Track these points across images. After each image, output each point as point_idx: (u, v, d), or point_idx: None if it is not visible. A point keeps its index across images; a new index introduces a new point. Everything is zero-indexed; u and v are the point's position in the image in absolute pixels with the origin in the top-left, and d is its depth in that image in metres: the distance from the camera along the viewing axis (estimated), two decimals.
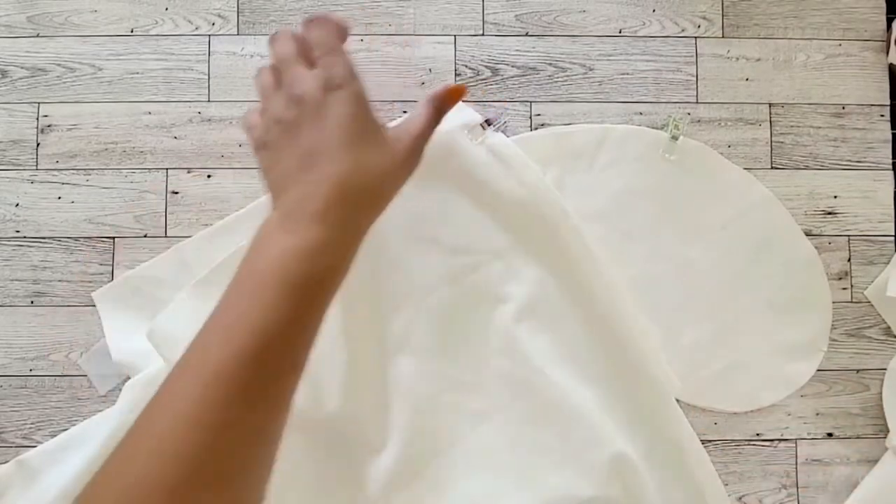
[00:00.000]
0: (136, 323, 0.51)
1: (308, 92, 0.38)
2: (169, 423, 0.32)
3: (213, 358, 0.33)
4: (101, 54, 0.56)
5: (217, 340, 0.34)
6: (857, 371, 0.54)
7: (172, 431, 0.32)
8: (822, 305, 0.52)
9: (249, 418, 0.33)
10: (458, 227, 0.50)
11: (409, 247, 0.48)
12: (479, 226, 0.50)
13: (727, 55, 0.56)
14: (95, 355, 0.52)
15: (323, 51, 0.39)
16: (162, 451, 0.31)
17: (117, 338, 0.52)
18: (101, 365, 0.52)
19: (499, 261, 0.50)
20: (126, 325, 0.52)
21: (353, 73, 0.38)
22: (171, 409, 0.33)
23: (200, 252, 0.52)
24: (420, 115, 0.42)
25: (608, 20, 0.56)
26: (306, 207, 0.36)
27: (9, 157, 0.55)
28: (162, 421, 0.33)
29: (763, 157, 0.55)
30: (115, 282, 0.53)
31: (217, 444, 0.32)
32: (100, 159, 0.55)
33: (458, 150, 0.50)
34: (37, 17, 0.56)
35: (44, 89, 0.55)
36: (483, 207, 0.50)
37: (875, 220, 0.55)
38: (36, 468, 0.51)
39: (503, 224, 0.50)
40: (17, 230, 0.54)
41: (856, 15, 0.57)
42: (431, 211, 0.50)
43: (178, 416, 0.32)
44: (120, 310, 0.52)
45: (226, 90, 0.56)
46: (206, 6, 0.56)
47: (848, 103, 0.56)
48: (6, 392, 0.54)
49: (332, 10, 0.56)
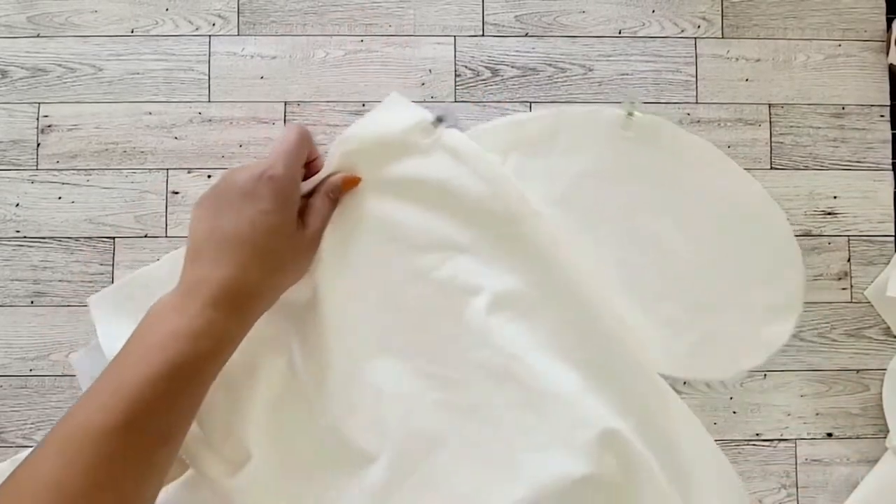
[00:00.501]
0: (129, 329, 0.52)
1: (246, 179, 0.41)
2: (31, 486, 0.33)
3: (87, 422, 0.34)
4: (101, 55, 0.56)
5: (95, 406, 0.35)
6: (857, 371, 0.54)
7: (33, 496, 0.32)
8: (793, 265, 0.51)
9: (115, 486, 0.34)
10: (419, 226, 0.50)
11: (372, 251, 0.47)
12: (440, 223, 0.49)
13: (727, 55, 0.56)
14: (90, 353, 0.52)
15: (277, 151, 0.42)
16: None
17: (111, 344, 0.52)
18: (94, 365, 0.52)
19: (464, 255, 0.49)
20: (120, 332, 0.52)
21: (291, 178, 0.42)
22: (37, 471, 0.33)
23: None
24: (321, 209, 0.45)
25: (608, 21, 0.57)
26: (204, 291, 0.37)
27: (9, 157, 0.55)
28: (25, 484, 0.33)
29: (763, 158, 0.55)
30: (110, 288, 0.53)
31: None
32: (100, 159, 0.55)
33: (413, 151, 0.50)
34: (37, 18, 0.56)
35: (44, 89, 0.55)
36: (443, 205, 0.49)
37: (875, 221, 0.55)
38: None
39: (464, 219, 0.49)
40: (18, 230, 0.54)
41: (855, 15, 0.57)
42: (391, 214, 0.50)
43: (40, 480, 0.33)
44: (114, 315, 0.52)
45: (226, 90, 0.56)
46: (206, 7, 0.56)
47: (848, 104, 0.56)
48: (6, 392, 0.54)
49: (331, 12, 0.56)
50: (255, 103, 0.55)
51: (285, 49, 0.56)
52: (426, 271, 0.48)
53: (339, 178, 0.47)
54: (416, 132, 0.49)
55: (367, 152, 0.49)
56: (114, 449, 0.34)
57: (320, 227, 0.45)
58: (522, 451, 0.46)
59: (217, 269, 0.38)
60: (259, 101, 0.55)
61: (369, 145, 0.49)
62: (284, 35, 0.56)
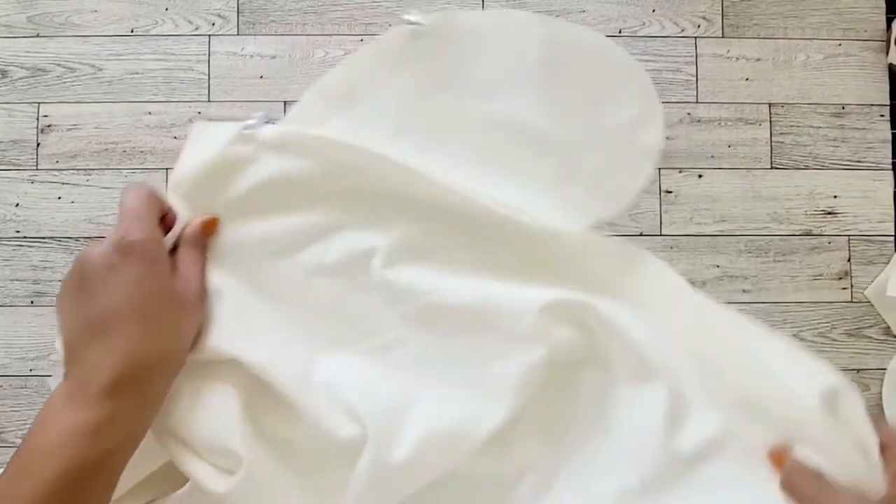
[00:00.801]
0: None
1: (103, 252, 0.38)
2: None
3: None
4: (101, 54, 0.56)
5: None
6: (857, 371, 0.54)
7: None
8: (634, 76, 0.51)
9: None
10: (287, 228, 0.49)
11: (258, 274, 0.45)
12: (305, 214, 0.49)
13: (727, 55, 0.56)
14: None
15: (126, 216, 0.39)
16: None
17: None
18: None
19: (342, 231, 0.49)
20: None
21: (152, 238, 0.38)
22: None
23: None
24: (192, 257, 0.43)
25: (608, 20, 0.57)
26: (93, 381, 0.35)
27: (9, 157, 0.55)
28: None
29: (763, 157, 0.55)
30: None
31: None
32: (100, 159, 0.55)
33: (242, 163, 0.51)
34: (37, 17, 0.56)
35: (44, 89, 0.55)
36: (297, 196, 0.50)
37: (875, 220, 0.55)
38: None
39: (324, 199, 0.49)
40: (18, 230, 0.54)
41: (855, 15, 0.57)
42: (256, 231, 0.50)
43: None
44: None
45: (226, 90, 0.56)
46: (206, 6, 0.56)
47: (848, 103, 0.56)
48: (6, 392, 0.54)
49: (331, 12, 0.56)
50: (255, 102, 0.55)
51: (285, 49, 0.56)
52: (316, 264, 0.48)
53: (198, 223, 0.44)
54: (234, 146, 0.50)
55: (202, 188, 0.49)
56: None
57: (198, 275, 0.42)
58: (483, 366, 0.46)
59: (104, 356, 0.35)
60: (259, 101, 0.55)
61: (201, 180, 0.49)
62: (284, 35, 0.56)
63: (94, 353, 0.36)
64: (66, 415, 0.35)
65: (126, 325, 0.37)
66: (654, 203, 0.55)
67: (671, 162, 0.55)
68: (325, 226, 0.52)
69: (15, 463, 0.35)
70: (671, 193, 0.55)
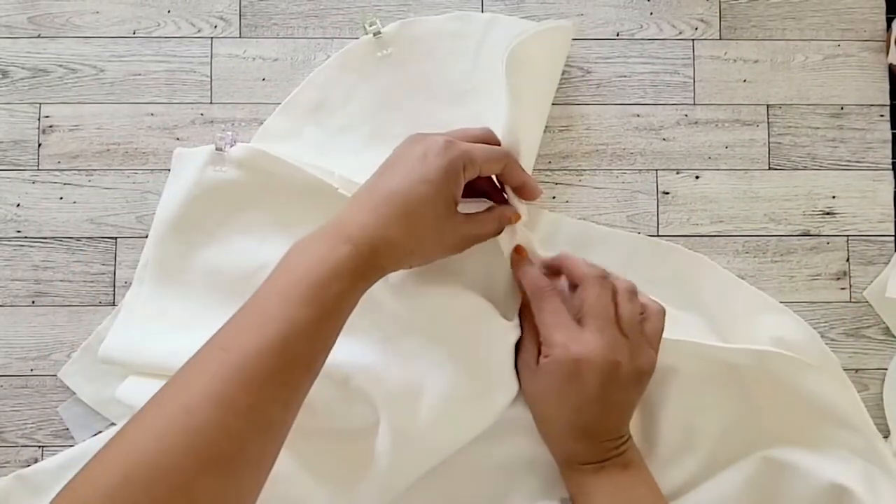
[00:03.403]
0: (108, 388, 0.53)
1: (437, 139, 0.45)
2: (188, 399, 0.34)
3: (244, 343, 0.35)
4: (103, 56, 0.56)
5: (249, 326, 0.37)
6: (857, 371, 0.54)
7: (198, 404, 0.33)
8: None
9: (265, 407, 0.35)
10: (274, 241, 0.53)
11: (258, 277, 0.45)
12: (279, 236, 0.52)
13: (724, 57, 0.56)
14: (76, 403, 0.53)
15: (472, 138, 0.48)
16: (171, 429, 0.32)
17: (96, 403, 0.53)
18: (82, 414, 0.53)
19: None
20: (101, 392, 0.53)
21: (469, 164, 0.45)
22: (196, 384, 0.34)
23: None
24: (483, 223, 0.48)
25: (605, 23, 0.57)
26: (342, 231, 0.41)
27: (10, 157, 0.55)
28: (184, 395, 0.34)
29: (761, 158, 0.55)
30: (76, 356, 0.53)
31: (232, 427, 0.33)
32: (102, 160, 0.55)
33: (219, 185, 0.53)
34: (38, 18, 0.56)
35: (45, 90, 0.56)
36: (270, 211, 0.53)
37: (874, 221, 0.55)
38: (37, 485, 0.50)
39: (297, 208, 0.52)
40: (19, 230, 0.55)
41: (855, 15, 0.57)
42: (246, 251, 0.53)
43: (202, 391, 0.34)
44: (87, 381, 0.53)
45: (228, 92, 0.56)
46: (208, 9, 0.56)
47: (847, 103, 0.56)
48: (7, 392, 0.54)
49: (332, 15, 0.56)
50: (257, 105, 0.56)
51: (287, 51, 0.56)
52: None
53: (511, 208, 0.48)
54: (209, 167, 0.52)
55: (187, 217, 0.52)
56: (271, 371, 0.35)
57: (470, 235, 0.46)
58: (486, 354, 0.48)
59: (361, 215, 0.41)
60: (260, 103, 0.56)
61: (188, 210, 0.53)
62: (286, 37, 0.56)
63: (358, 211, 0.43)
64: (315, 247, 0.41)
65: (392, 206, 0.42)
66: (652, 204, 0.55)
67: (668, 163, 0.55)
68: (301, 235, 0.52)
69: (271, 281, 0.40)
70: (668, 194, 0.55)
